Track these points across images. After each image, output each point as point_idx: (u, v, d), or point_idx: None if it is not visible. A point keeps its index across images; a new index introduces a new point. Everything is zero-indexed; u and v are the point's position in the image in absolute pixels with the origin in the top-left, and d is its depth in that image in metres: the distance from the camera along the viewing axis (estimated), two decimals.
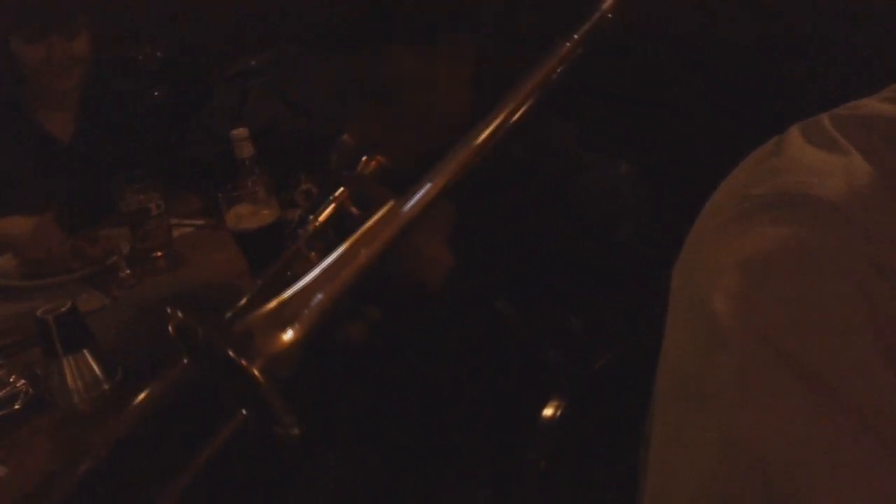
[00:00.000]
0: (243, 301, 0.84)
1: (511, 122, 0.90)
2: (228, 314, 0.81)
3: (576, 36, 0.96)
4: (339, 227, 0.90)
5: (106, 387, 1.07)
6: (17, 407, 1.09)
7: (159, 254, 1.55)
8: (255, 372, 0.67)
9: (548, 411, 0.92)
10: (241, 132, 1.46)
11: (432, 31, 0.97)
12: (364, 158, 0.99)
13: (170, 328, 0.76)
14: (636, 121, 1.29)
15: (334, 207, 0.93)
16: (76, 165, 1.81)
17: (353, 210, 0.92)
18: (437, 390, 1.01)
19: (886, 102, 0.49)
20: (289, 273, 0.90)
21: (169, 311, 0.75)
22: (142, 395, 1.09)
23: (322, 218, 0.92)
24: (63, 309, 1.04)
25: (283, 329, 0.72)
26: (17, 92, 1.79)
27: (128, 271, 1.50)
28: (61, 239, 1.57)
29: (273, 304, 0.74)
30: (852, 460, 0.37)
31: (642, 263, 0.95)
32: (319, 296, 0.75)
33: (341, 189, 0.93)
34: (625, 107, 1.31)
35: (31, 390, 1.11)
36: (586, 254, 0.98)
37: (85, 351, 1.06)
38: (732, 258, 0.44)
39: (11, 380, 1.13)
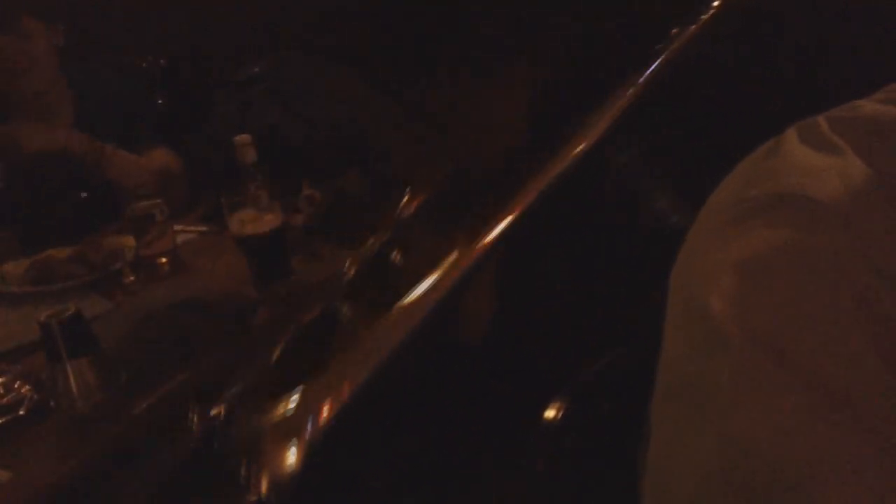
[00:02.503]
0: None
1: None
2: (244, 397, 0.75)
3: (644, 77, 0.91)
4: (381, 277, 0.84)
5: (109, 392, 1.07)
6: (21, 412, 1.09)
7: (163, 260, 1.55)
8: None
9: (549, 412, 0.92)
10: (244, 139, 1.47)
11: (488, 63, 0.95)
12: (407, 195, 0.90)
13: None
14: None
15: (374, 253, 0.86)
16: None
17: (396, 258, 0.84)
18: (439, 391, 1.01)
19: (882, 104, 0.49)
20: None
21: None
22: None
23: (357, 266, 0.85)
24: (67, 314, 1.05)
25: (288, 447, 0.65)
26: None
27: (132, 277, 1.50)
28: None
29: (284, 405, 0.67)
30: (849, 458, 0.37)
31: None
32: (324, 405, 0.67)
33: (385, 233, 0.87)
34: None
35: (35, 395, 1.11)
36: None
37: (89, 356, 1.07)
38: (729, 260, 0.44)
39: (16, 385, 1.13)
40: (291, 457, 0.66)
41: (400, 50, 1.01)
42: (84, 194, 1.86)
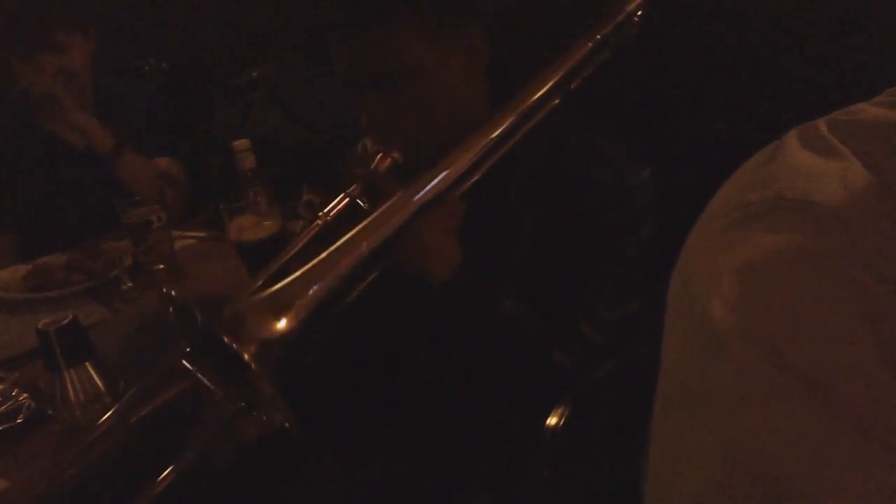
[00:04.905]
0: (244, 293, 0.85)
1: (529, 120, 0.91)
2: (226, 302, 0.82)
3: (598, 36, 0.95)
4: (351, 223, 0.89)
5: (108, 400, 1.07)
6: (19, 421, 1.09)
7: (161, 266, 1.55)
8: (246, 356, 0.68)
9: (551, 419, 0.91)
10: (243, 144, 1.46)
11: (438, 15, 0.94)
12: (379, 156, 0.95)
13: (171, 311, 0.77)
14: (635, 123, 1.29)
15: (346, 203, 0.92)
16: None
17: (364, 205, 0.91)
18: (441, 396, 1.00)
19: (883, 107, 0.49)
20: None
21: (165, 290, 0.77)
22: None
23: (333, 213, 0.91)
24: (64, 322, 1.04)
25: (277, 316, 0.73)
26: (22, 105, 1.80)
27: (130, 284, 1.50)
28: None
29: (268, 291, 0.75)
30: (852, 462, 0.37)
31: (655, 268, 0.93)
32: (316, 286, 0.76)
33: (354, 185, 0.92)
34: (623, 110, 1.30)
35: (33, 404, 1.11)
36: (601, 254, 0.96)
37: (87, 364, 1.06)
38: (730, 264, 0.44)
39: (13, 393, 1.13)
40: (281, 322, 0.74)
41: None
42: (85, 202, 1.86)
